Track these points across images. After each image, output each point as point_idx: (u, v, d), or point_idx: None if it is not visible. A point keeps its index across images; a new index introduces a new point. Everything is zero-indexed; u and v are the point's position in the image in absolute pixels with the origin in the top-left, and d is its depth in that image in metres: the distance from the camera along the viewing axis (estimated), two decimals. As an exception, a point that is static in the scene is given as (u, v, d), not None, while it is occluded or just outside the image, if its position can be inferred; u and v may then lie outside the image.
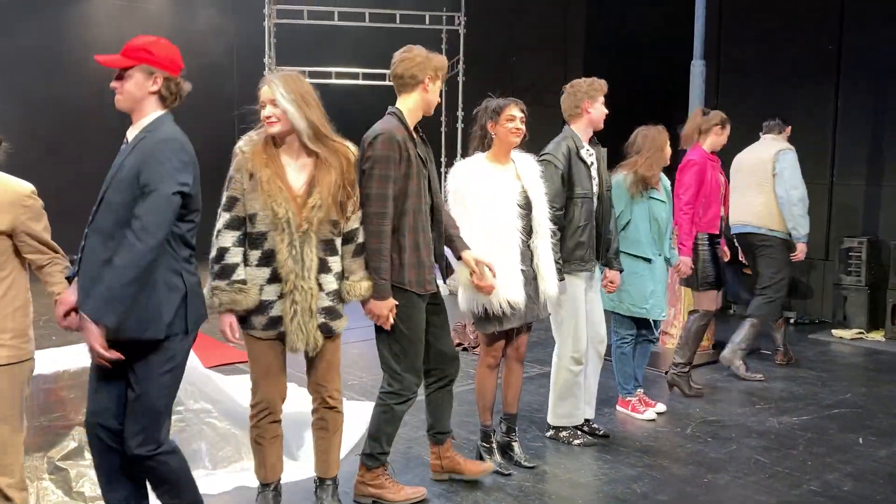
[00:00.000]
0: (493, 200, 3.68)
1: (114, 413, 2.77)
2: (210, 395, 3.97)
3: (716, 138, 5.26)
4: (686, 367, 5.29)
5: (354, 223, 3.15)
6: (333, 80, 9.84)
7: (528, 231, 3.79)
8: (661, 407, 4.88)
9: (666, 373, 5.46)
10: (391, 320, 3.33)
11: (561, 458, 4.12)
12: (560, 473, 3.91)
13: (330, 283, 3.12)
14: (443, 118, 10.39)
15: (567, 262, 4.08)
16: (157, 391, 2.72)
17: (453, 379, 3.69)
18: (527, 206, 3.78)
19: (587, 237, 4.14)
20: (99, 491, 2.91)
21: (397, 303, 3.33)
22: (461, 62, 9.55)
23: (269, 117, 3.03)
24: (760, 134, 6.25)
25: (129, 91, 2.79)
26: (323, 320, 3.13)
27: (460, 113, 9.63)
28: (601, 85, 4.28)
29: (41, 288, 3.01)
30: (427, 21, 9.51)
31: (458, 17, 9.47)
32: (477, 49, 10.11)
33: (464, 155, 9.24)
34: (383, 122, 3.34)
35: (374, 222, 3.21)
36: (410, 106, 3.40)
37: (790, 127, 6.06)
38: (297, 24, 9.13)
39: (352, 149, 3.15)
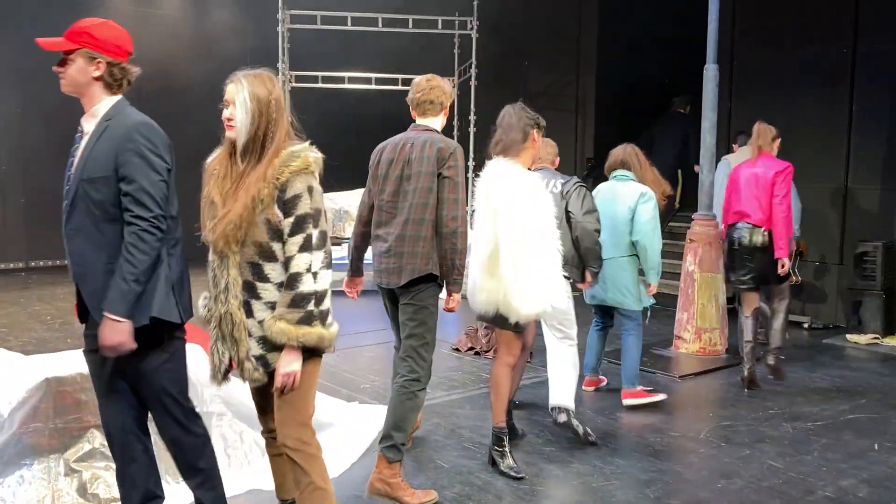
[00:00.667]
0: (544, 209, 3.81)
1: (133, 415, 2.80)
2: (223, 398, 3.99)
3: (777, 149, 5.64)
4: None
5: (291, 249, 2.63)
6: (347, 85, 9.89)
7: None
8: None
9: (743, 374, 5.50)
10: (455, 310, 3.66)
11: (573, 461, 4.11)
12: (572, 478, 3.91)
13: (260, 311, 2.69)
14: (455, 122, 10.40)
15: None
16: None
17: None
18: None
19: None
20: (113, 493, 2.93)
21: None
22: (473, 67, 9.56)
23: (228, 119, 2.75)
24: (736, 147, 6.91)
25: (72, 76, 2.68)
26: (259, 352, 2.69)
27: (472, 117, 9.64)
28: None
29: (55, 292, 3.03)
30: (440, 26, 9.53)
31: (471, 21, 9.49)
32: (489, 54, 10.13)
33: (476, 160, 9.33)
34: (442, 136, 3.69)
35: (462, 224, 3.53)
36: (437, 126, 3.76)
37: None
38: (310, 29, 9.16)
39: (299, 163, 2.66)
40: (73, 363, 3.67)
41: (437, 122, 3.78)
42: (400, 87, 10.03)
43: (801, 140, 7.86)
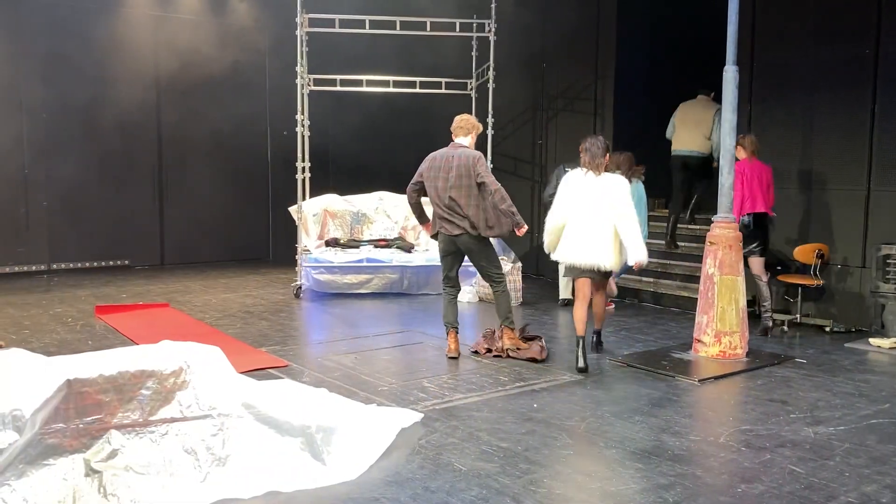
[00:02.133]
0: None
1: None
2: (243, 400, 4.00)
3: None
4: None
5: None
6: (365, 88, 9.91)
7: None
8: None
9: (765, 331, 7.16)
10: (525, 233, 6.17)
11: (592, 465, 4.09)
12: (589, 482, 3.89)
13: None
14: (473, 125, 10.39)
15: None
16: None
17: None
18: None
19: None
20: (133, 493, 2.93)
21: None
22: (491, 69, 9.56)
23: None
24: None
25: None
26: None
27: (490, 119, 9.63)
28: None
29: (77, 294, 3.06)
30: (457, 28, 9.53)
31: (489, 24, 9.48)
32: (507, 56, 10.12)
33: (493, 160, 9.36)
34: (471, 149, 6.29)
35: (496, 186, 6.04)
36: (470, 143, 6.35)
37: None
38: (328, 32, 9.20)
39: None
40: (94, 364, 3.71)
41: (468, 140, 6.36)
42: (418, 91, 10.05)
43: (823, 142, 7.79)
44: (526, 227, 6.12)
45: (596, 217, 5.84)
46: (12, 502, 3.22)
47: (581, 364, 5.84)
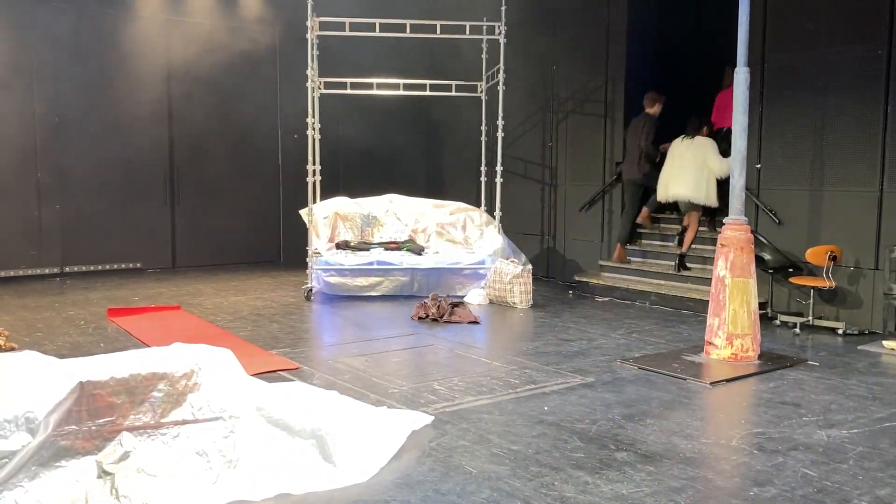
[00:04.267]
0: None
1: None
2: (255, 402, 4.02)
3: None
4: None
5: None
6: (375, 91, 9.93)
7: None
8: None
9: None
10: None
11: (603, 468, 4.08)
12: (602, 484, 3.87)
13: None
14: (483, 127, 10.40)
15: None
16: None
17: None
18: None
19: None
20: (144, 495, 2.95)
21: None
22: (501, 72, 9.56)
23: None
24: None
25: None
26: None
27: (500, 122, 9.64)
28: None
29: (89, 297, 3.07)
30: (467, 31, 9.55)
31: (499, 26, 9.49)
32: (517, 58, 10.11)
33: (503, 162, 9.46)
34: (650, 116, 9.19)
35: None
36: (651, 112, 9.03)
37: None
38: (338, 35, 9.23)
39: None
40: (106, 367, 3.72)
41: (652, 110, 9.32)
42: (428, 93, 10.07)
43: (835, 143, 7.74)
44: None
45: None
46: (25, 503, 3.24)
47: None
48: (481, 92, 10.36)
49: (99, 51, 10.52)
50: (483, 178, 10.41)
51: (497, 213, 9.79)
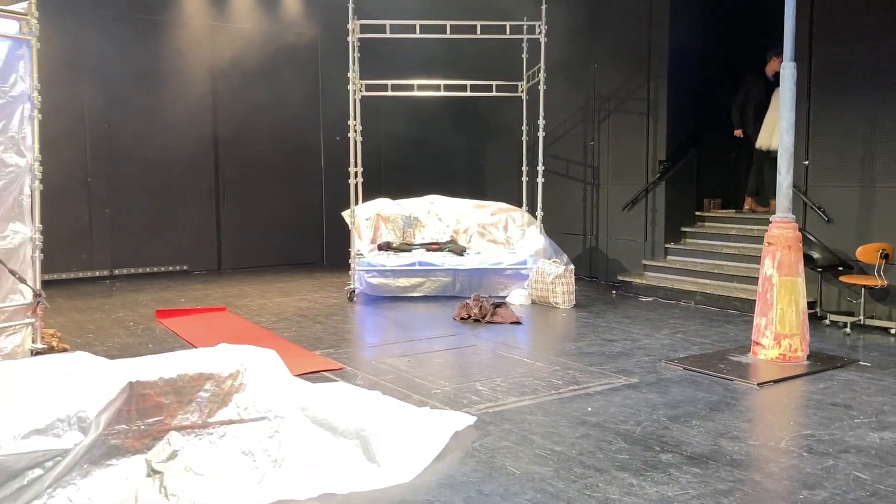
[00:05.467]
0: None
1: None
2: (299, 403, 4.06)
3: None
4: None
5: None
6: (416, 93, 9.96)
7: None
8: None
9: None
10: None
11: (648, 470, 4.04)
12: (647, 486, 3.83)
13: None
14: (524, 126, 10.37)
15: None
16: None
17: None
18: None
19: None
20: (192, 493, 2.99)
21: None
22: (542, 71, 9.52)
23: None
24: None
25: None
26: None
27: (541, 121, 9.59)
28: None
29: (138, 299, 3.13)
30: (508, 31, 9.53)
31: (539, 26, 9.45)
32: (558, 58, 10.05)
33: (545, 162, 9.39)
34: None
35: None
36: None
37: None
38: (379, 38, 9.28)
39: None
40: (154, 367, 3.80)
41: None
42: (469, 94, 10.07)
43: (885, 139, 7.55)
44: None
45: None
46: (78, 501, 3.32)
47: None
48: (522, 91, 10.33)
49: (146, 58, 10.74)
50: (524, 178, 10.37)
51: (539, 212, 9.75)
